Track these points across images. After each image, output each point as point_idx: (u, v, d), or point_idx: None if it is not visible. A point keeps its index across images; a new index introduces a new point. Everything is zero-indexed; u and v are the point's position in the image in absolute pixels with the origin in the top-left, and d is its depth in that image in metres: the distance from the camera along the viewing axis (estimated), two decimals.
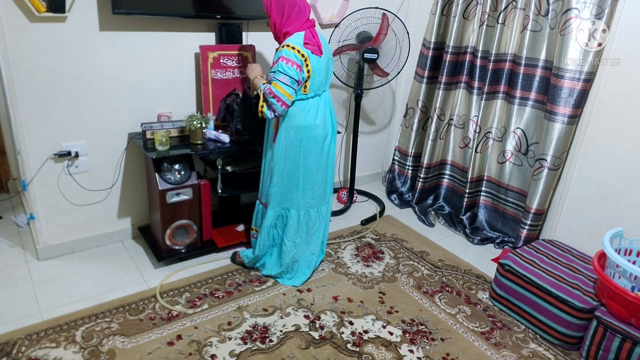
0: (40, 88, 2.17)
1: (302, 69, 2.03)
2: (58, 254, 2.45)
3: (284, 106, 2.06)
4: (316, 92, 2.14)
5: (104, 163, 2.46)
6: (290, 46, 2.02)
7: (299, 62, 2.02)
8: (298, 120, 2.13)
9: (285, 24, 2.07)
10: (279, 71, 2.01)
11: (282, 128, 2.16)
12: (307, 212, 2.29)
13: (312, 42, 2.06)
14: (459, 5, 2.86)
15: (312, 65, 2.05)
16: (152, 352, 1.86)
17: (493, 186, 2.95)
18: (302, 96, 2.11)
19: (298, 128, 2.14)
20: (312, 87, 2.11)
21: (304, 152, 2.18)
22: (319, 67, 2.09)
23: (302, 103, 2.12)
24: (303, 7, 2.07)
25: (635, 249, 2.13)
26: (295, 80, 2.03)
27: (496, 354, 2.00)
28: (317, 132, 2.17)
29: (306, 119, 2.14)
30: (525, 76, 2.68)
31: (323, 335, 2.03)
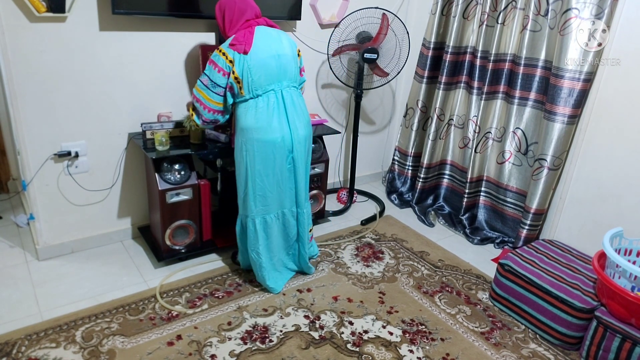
0: (40, 88, 2.17)
1: (227, 73, 2.00)
2: (58, 254, 2.45)
3: (208, 110, 2.07)
4: (254, 92, 2.04)
5: (104, 163, 2.46)
6: (219, 49, 2.02)
7: (223, 66, 2.00)
8: (241, 122, 2.08)
9: (227, 29, 2.08)
10: (204, 73, 2.04)
11: (235, 132, 2.13)
12: (262, 219, 2.20)
13: (239, 42, 1.99)
14: (458, 5, 2.86)
15: (238, 66, 1.99)
16: (152, 352, 1.86)
17: (492, 186, 2.95)
18: (241, 98, 2.06)
19: (242, 130, 2.08)
20: (247, 88, 2.02)
21: (250, 156, 2.09)
22: (252, 65, 1.99)
23: (244, 104, 2.07)
24: (242, 9, 2.04)
25: (635, 249, 2.13)
26: (218, 85, 2.02)
27: (496, 354, 2.00)
28: (264, 136, 2.05)
29: (247, 121, 2.06)
30: (524, 76, 2.68)
31: (323, 335, 2.03)
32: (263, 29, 2.07)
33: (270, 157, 2.10)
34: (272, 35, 2.08)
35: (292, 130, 2.11)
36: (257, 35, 2.03)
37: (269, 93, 2.07)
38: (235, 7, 2.04)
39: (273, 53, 2.05)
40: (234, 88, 2.04)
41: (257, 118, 2.05)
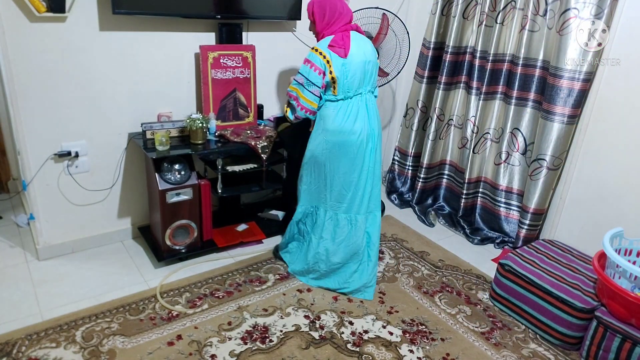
0: (40, 88, 2.17)
1: (324, 73, 2.07)
2: (58, 254, 2.45)
3: (301, 108, 2.15)
4: (346, 94, 2.11)
5: (104, 163, 2.46)
6: (315, 49, 2.09)
7: (320, 66, 2.06)
8: (329, 122, 2.14)
9: (324, 28, 2.14)
10: (299, 73, 2.12)
11: (315, 130, 2.21)
12: (335, 214, 2.27)
13: (338, 45, 2.06)
14: (458, 5, 2.86)
15: (335, 67, 2.06)
16: (152, 352, 1.86)
17: (489, 187, 2.95)
18: (332, 97, 2.12)
19: (329, 131, 2.15)
20: (341, 89, 2.10)
21: (334, 156, 2.17)
22: (348, 69, 2.07)
23: (333, 105, 2.14)
24: (343, 13, 2.12)
25: (635, 249, 2.13)
26: (314, 84, 2.09)
27: (496, 354, 2.00)
28: (350, 137, 2.13)
29: (336, 122, 2.13)
30: (523, 76, 2.68)
31: (323, 335, 2.03)
32: (356, 35, 2.15)
33: (350, 157, 2.17)
34: (363, 42, 2.16)
35: (371, 132, 2.19)
36: (352, 40, 2.10)
37: (357, 96, 2.14)
38: (337, 9, 2.11)
39: (363, 59, 2.12)
40: (327, 87, 2.11)
41: (343, 120, 2.12)
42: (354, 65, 2.09)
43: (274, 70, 2.89)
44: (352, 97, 2.13)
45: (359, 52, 2.10)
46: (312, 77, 2.07)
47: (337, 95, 2.11)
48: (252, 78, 2.66)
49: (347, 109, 2.13)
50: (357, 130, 2.14)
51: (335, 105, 2.13)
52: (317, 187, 2.27)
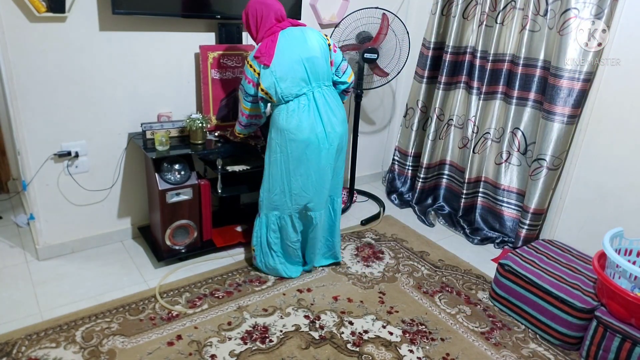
0: (40, 88, 2.17)
1: (256, 84, 2.07)
2: (58, 254, 2.45)
3: (244, 116, 2.23)
4: (284, 98, 2.06)
5: (104, 163, 2.46)
6: (247, 60, 2.09)
7: (252, 77, 2.08)
8: (275, 123, 2.13)
9: (255, 37, 2.12)
10: (240, 83, 2.16)
11: (269, 133, 2.18)
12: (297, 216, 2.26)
13: (262, 53, 2.01)
14: (458, 5, 2.86)
15: (262, 78, 2.04)
16: (152, 352, 1.86)
17: (490, 187, 2.95)
18: (274, 104, 2.13)
19: (278, 131, 2.12)
20: (277, 96, 2.06)
21: (285, 156, 2.13)
22: (277, 74, 2.02)
23: (277, 108, 2.12)
24: (265, 14, 2.04)
25: (635, 249, 2.13)
26: (249, 94, 2.13)
27: (496, 354, 2.00)
28: (297, 136, 2.07)
29: (280, 122, 2.09)
30: (523, 76, 2.68)
31: (323, 335, 2.03)
32: (287, 33, 2.05)
33: (303, 157, 2.12)
34: (297, 38, 2.06)
35: (325, 129, 2.11)
36: (280, 42, 2.02)
37: (300, 97, 2.09)
38: (257, 13, 2.04)
39: (297, 58, 2.04)
40: (264, 98, 2.12)
41: (288, 120, 2.08)
42: (283, 70, 2.02)
43: None
44: (292, 99, 2.07)
45: (289, 53, 2.02)
46: (246, 88, 2.11)
47: (276, 102, 2.10)
48: None
49: (291, 109, 2.07)
50: (305, 128, 2.06)
51: (279, 107, 2.11)
52: (275, 192, 2.21)
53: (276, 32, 2.05)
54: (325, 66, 2.13)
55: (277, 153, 2.15)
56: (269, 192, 2.25)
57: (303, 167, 2.14)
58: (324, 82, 2.14)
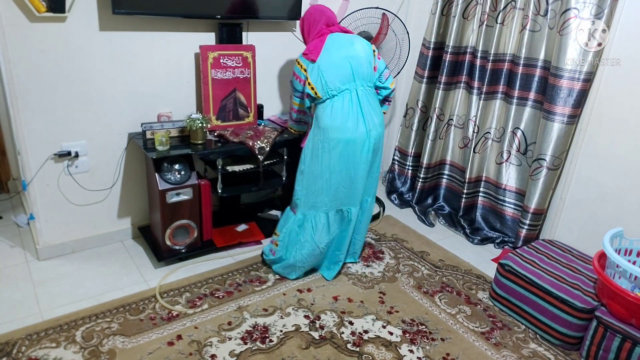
0: (40, 88, 2.17)
1: (303, 80, 2.21)
2: (58, 254, 2.45)
3: (294, 111, 2.42)
4: (329, 92, 2.16)
5: (104, 163, 2.46)
6: (296, 61, 2.24)
7: (300, 75, 2.22)
8: (320, 121, 2.20)
9: (307, 40, 2.34)
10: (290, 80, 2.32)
11: (310, 131, 2.27)
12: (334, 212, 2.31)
13: (310, 51, 2.19)
14: (458, 5, 2.86)
15: (310, 73, 2.17)
16: (153, 352, 1.86)
17: (491, 187, 2.95)
18: (319, 100, 2.20)
19: (322, 129, 2.19)
20: (322, 90, 2.16)
21: (327, 154, 2.19)
22: (323, 69, 2.15)
23: (321, 105, 2.20)
24: (317, 19, 2.27)
25: (635, 249, 2.13)
26: (297, 91, 2.28)
27: (496, 354, 2.00)
28: (341, 134, 2.15)
29: (324, 120, 2.17)
30: (524, 76, 2.68)
31: (323, 335, 2.03)
32: (335, 36, 2.23)
33: (345, 155, 2.19)
34: (344, 40, 2.23)
35: (367, 128, 2.19)
36: (328, 42, 2.19)
37: (344, 93, 2.17)
38: (311, 19, 2.29)
39: (343, 55, 2.18)
40: (309, 94, 2.20)
41: (333, 117, 2.16)
42: (329, 65, 2.15)
43: (274, 70, 2.89)
44: (337, 94, 2.16)
45: (335, 50, 2.17)
46: (295, 84, 2.27)
47: (322, 97, 2.18)
48: (252, 78, 2.66)
49: (335, 106, 2.16)
50: (349, 127, 2.15)
51: (324, 104, 2.19)
52: (314, 189, 2.26)
53: (325, 34, 2.23)
54: (369, 69, 2.25)
55: (318, 150, 2.21)
56: (307, 190, 2.28)
57: (344, 164, 2.21)
58: (367, 83, 2.24)
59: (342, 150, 2.18)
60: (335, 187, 2.24)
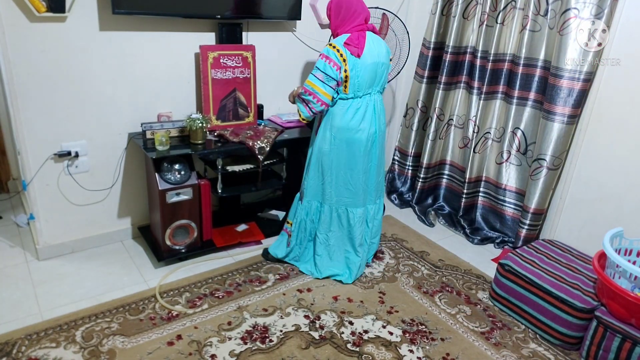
0: (40, 88, 2.17)
1: (340, 68, 2.09)
2: (58, 254, 2.45)
3: (321, 103, 2.14)
4: (356, 93, 2.16)
5: (104, 163, 2.46)
6: (332, 45, 2.11)
7: (337, 62, 2.08)
8: (337, 120, 2.19)
9: (339, 26, 2.18)
10: (317, 67, 2.11)
11: (322, 125, 2.24)
12: (338, 209, 2.32)
13: (353, 43, 2.08)
14: (458, 5, 2.86)
15: (350, 65, 2.09)
16: (152, 352, 1.86)
17: (491, 187, 2.95)
18: (343, 95, 2.16)
19: (337, 128, 2.19)
20: (352, 88, 2.14)
21: (340, 152, 2.22)
22: (360, 69, 2.11)
23: (342, 102, 2.18)
24: (358, 12, 2.14)
25: (635, 249, 2.13)
26: (333, 79, 2.10)
27: (496, 353, 2.00)
28: (356, 135, 2.19)
29: (344, 120, 2.18)
30: (524, 76, 2.68)
31: (323, 335, 2.03)
32: (371, 35, 2.17)
33: (356, 154, 2.23)
34: (378, 44, 2.19)
35: (377, 129, 2.25)
36: (368, 40, 2.13)
37: (366, 96, 2.19)
38: (352, 8, 2.13)
39: (376, 60, 2.16)
40: (339, 84, 2.13)
41: (351, 118, 2.17)
42: (365, 66, 2.12)
43: (274, 70, 2.89)
44: (361, 96, 2.18)
45: (372, 53, 2.13)
46: (330, 72, 2.08)
47: (348, 94, 2.15)
48: (252, 78, 2.66)
49: (356, 108, 2.18)
50: (363, 128, 2.20)
51: (345, 104, 2.17)
52: (322, 182, 2.31)
53: (364, 30, 2.15)
54: (386, 77, 2.29)
55: (330, 144, 2.22)
56: (314, 181, 2.32)
57: (354, 163, 2.24)
58: (381, 89, 2.28)
59: (355, 149, 2.22)
60: (344, 184, 2.28)
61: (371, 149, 2.27)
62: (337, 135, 2.20)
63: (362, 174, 2.28)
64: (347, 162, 2.24)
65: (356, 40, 2.09)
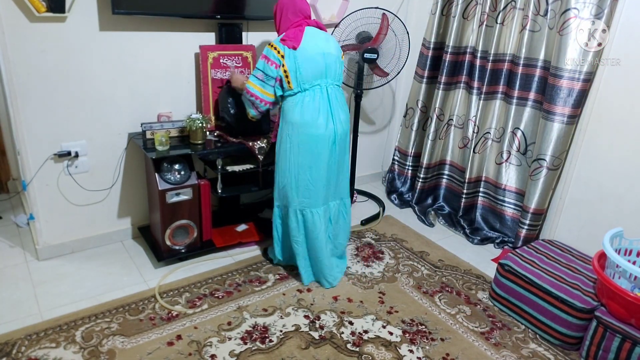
0: (40, 88, 2.17)
1: (279, 66, 2.11)
2: (58, 254, 2.45)
3: (264, 103, 2.19)
4: (302, 86, 2.13)
5: (104, 163, 2.46)
6: (270, 44, 2.14)
7: (275, 59, 2.11)
8: (289, 116, 2.16)
9: (281, 27, 2.22)
10: (257, 68, 2.16)
11: (280, 126, 2.22)
12: (302, 211, 2.25)
13: (289, 38, 2.11)
14: (458, 5, 2.86)
15: (288, 60, 2.10)
16: (152, 352, 1.86)
17: (491, 187, 2.95)
18: (289, 92, 2.16)
19: (292, 124, 2.16)
20: (296, 81, 2.12)
21: (296, 150, 2.17)
22: (300, 61, 2.10)
23: (291, 99, 2.16)
24: (297, 10, 2.17)
25: (635, 249, 2.13)
26: (272, 78, 2.14)
27: (496, 354, 2.00)
28: (313, 131, 2.14)
29: (295, 115, 2.14)
30: (524, 76, 2.68)
31: (323, 335, 2.03)
32: (312, 29, 2.19)
33: (315, 152, 2.18)
34: (320, 36, 2.20)
35: (335, 126, 2.19)
36: (306, 33, 2.15)
37: (315, 88, 2.15)
38: (291, 8, 2.19)
39: (319, 51, 2.15)
40: (282, 81, 2.14)
41: (303, 113, 2.14)
42: (307, 57, 2.11)
43: None
44: (308, 89, 2.14)
45: (313, 45, 2.14)
46: (269, 71, 2.13)
47: (293, 89, 2.14)
48: None
49: (306, 102, 2.14)
50: (320, 124, 2.15)
51: (294, 99, 2.15)
52: (284, 185, 2.25)
53: (303, 25, 2.18)
54: (339, 68, 2.26)
55: (287, 144, 2.19)
56: (277, 184, 2.29)
57: (313, 161, 2.19)
58: (336, 81, 2.24)
59: (313, 146, 2.16)
60: (305, 184, 2.20)
61: (332, 145, 2.19)
62: (293, 132, 2.15)
63: (325, 172, 2.22)
64: (306, 161, 2.18)
65: (292, 35, 2.12)
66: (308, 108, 2.13)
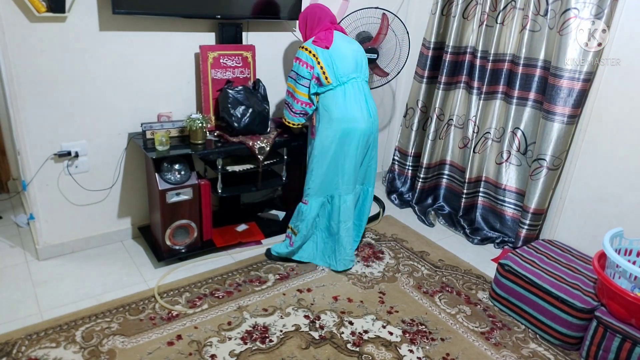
0: (40, 88, 2.17)
1: (313, 66, 2.26)
2: (58, 254, 2.45)
3: (297, 102, 2.33)
4: (340, 79, 2.27)
5: (104, 163, 2.46)
6: (302, 47, 2.30)
7: (308, 61, 2.26)
8: (333, 110, 2.28)
9: (309, 34, 2.40)
10: (292, 70, 2.33)
11: (321, 122, 2.33)
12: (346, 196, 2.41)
13: (321, 39, 2.28)
14: (458, 5, 2.86)
15: (322, 58, 2.25)
16: (152, 352, 1.86)
17: (491, 187, 2.95)
18: (328, 87, 2.28)
19: (334, 120, 2.28)
20: (333, 76, 2.26)
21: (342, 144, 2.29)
22: (335, 57, 2.25)
23: (331, 93, 2.29)
24: (323, 18, 2.36)
25: (635, 249, 2.13)
26: (305, 78, 2.28)
27: (496, 354, 2.00)
28: (354, 125, 2.28)
29: (338, 109, 2.27)
30: (524, 76, 2.68)
31: (323, 335, 2.03)
32: (339, 33, 2.37)
33: (356, 144, 2.32)
34: (346, 38, 2.39)
35: (372, 118, 2.36)
36: (335, 36, 2.32)
37: (352, 81, 2.31)
38: (316, 16, 2.38)
39: (349, 50, 2.33)
40: (319, 78, 2.27)
41: (345, 107, 2.28)
42: (340, 53, 2.27)
43: (274, 70, 2.89)
44: (346, 82, 2.28)
45: (343, 44, 2.31)
46: (301, 71, 2.27)
47: (332, 83, 2.26)
48: (252, 78, 2.66)
49: (346, 95, 2.28)
50: (360, 118, 2.29)
51: (334, 93, 2.28)
52: (330, 176, 2.36)
53: (331, 29, 2.34)
54: (366, 65, 2.43)
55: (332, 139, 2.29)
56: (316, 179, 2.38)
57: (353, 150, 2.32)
58: (365, 77, 2.41)
59: (354, 139, 2.30)
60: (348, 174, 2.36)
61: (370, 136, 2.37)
62: (338, 127, 2.28)
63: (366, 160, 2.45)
64: (351, 152, 2.32)
65: (323, 37, 2.29)
66: (350, 101, 2.28)
